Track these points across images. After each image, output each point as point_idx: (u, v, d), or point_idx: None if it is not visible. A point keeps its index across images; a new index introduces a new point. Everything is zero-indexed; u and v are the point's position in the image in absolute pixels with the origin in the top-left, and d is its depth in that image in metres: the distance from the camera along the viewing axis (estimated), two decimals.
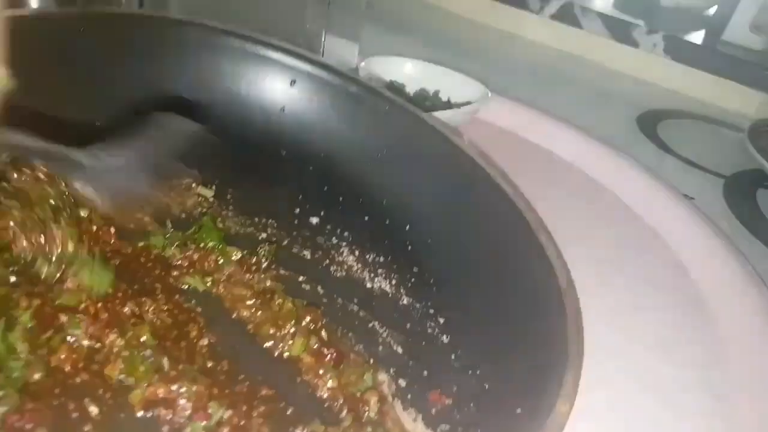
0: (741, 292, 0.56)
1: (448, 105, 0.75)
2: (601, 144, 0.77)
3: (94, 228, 0.38)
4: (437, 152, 0.48)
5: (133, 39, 0.48)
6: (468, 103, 0.73)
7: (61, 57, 0.45)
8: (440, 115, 0.65)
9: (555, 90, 0.97)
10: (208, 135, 0.40)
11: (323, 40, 0.68)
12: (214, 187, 0.46)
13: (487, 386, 0.36)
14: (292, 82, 0.51)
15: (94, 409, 0.31)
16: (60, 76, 0.44)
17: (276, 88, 0.51)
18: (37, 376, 0.31)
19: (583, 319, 0.35)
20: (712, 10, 1.16)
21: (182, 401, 0.32)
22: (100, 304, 0.34)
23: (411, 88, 0.77)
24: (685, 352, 0.50)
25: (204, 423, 0.31)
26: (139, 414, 0.31)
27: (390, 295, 0.43)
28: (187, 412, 0.32)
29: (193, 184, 0.45)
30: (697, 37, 1.12)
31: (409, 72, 0.78)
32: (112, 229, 0.39)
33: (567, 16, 1.14)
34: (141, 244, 0.40)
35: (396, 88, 0.76)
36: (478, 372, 0.37)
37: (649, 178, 0.72)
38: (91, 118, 0.45)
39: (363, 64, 0.74)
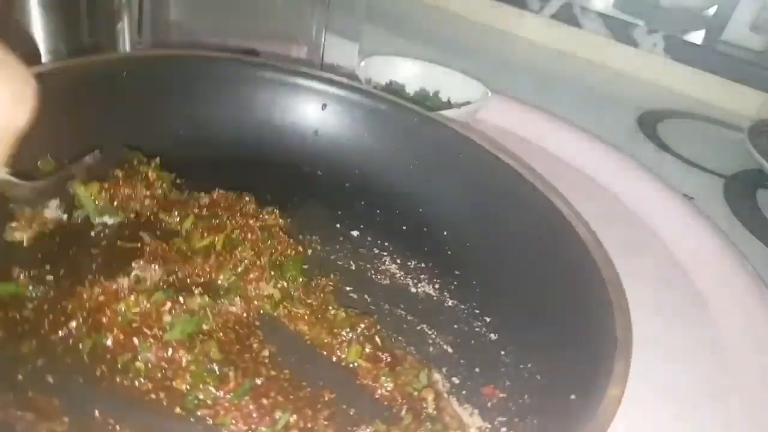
0: (741, 292, 0.56)
1: (448, 105, 0.75)
2: (601, 144, 0.77)
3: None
4: (468, 159, 0.50)
5: (171, 78, 0.52)
6: (468, 103, 0.73)
7: (108, 98, 0.48)
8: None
9: (555, 90, 0.97)
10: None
11: (323, 40, 0.68)
12: None
13: (539, 378, 0.37)
14: (323, 106, 0.54)
15: (165, 422, 0.32)
16: (108, 115, 0.48)
17: (308, 112, 0.54)
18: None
19: None
20: (712, 10, 1.16)
21: (249, 408, 0.33)
22: None
23: (411, 88, 0.77)
24: (685, 352, 0.50)
25: (271, 428, 0.32)
26: (209, 422, 0.33)
27: (435, 299, 0.45)
28: (255, 417, 0.33)
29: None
30: (697, 37, 1.12)
31: (409, 72, 0.78)
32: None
33: (567, 16, 1.13)
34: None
35: (396, 88, 0.76)
36: (529, 366, 0.38)
37: (649, 178, 0.72)
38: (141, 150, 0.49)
39: (363, 64, 0.74)
